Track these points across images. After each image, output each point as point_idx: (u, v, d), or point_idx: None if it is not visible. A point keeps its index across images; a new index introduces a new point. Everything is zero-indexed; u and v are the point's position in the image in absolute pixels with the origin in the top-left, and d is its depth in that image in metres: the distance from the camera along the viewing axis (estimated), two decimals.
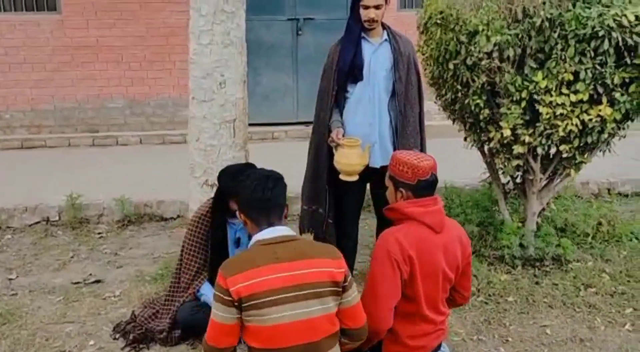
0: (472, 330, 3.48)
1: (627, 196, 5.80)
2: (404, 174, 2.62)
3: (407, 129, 3.60)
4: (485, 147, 4.28)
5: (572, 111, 3.68)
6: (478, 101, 3.83)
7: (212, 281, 3.27)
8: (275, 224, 2.41)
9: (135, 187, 5.67)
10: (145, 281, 4.11)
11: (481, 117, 3.89)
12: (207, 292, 3.35)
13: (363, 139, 3.53)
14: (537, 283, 3.97)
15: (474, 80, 3.78)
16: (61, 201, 5.21)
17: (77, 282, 4.13)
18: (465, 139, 4.44)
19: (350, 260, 3.94)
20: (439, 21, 4.04)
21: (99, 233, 5.03)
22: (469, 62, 3.73)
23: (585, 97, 3.62)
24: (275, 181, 2.45)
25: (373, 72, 3.56)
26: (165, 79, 7.61)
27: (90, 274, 4.26)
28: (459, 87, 3.92)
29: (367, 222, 4.93)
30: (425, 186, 2.63)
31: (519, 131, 3.78)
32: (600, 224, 4.63)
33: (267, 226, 2.40)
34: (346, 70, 3.56)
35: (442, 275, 2.65)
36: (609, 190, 5.77)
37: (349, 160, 3.48)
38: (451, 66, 3.87)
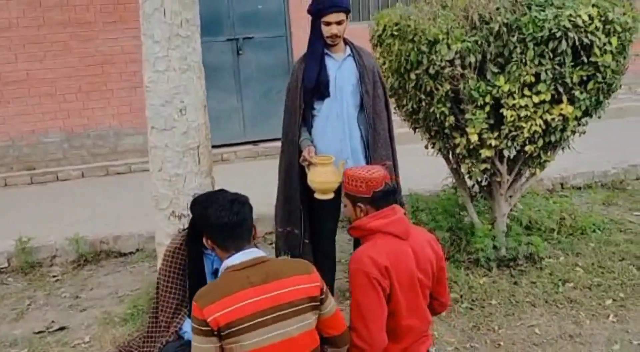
0: (462, 338, 3.46)
1: (579, 188, 5.97)
2: (358, 189, 2.65)
3: (378, 142, 3.56)
4: (451, 154, 4.29)
5: (535, 112, 3.74)
6: (443, 109, 3.84)
7: None
8: (244, 248, 2.39)
9: (87, 223, 5.39)
10: (115, 322, 3.88)
11: (446, 124, 3.90)
12: (189, 329, 3.18)
13: (335, 155, 3.47)
14: (515, 283, 4.00)
15: (437, 89, 3.79)
16: (9, 246, 4.89)
17: (40, 332, 3.85)
18: (426, 146, 4.46)
19: (329, 278, 3.86)
20: (395, 33, 4.04)
21: (54, 276, 4.73)
22: (431, 71, 3.74)
23: (547, 98, 3.69)
24: (240, 204, 2.45)
25: (339, 87, 3.51)
26: (104, 109, 7.32)
27: (53, 322, 3.99)
28: (422, 96, 3.91)
29: (341, 237, 4.86)
30: (382, 197, 2.65)
31: (485, 135, 3.81)
32: (563, 218, 4.73)
33: (236, 251, 2.38)
34: (312, 87, 3.50)
35: (418, 282, 2.64)
36: (562, 184, 5.94)
37: (323, 179, 3.41)
38: (413, 76, 3.87)
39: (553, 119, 3.78)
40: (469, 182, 4.44)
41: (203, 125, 3.73)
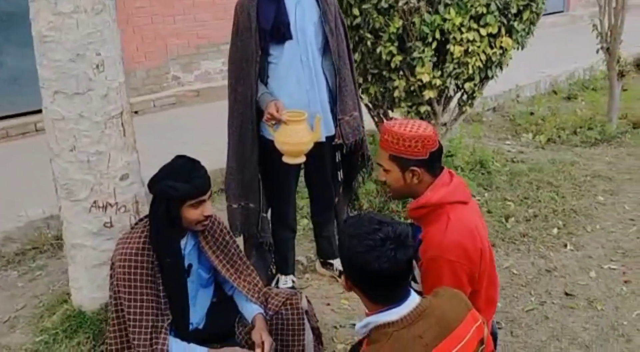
0: None
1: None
2: (413, 150, 2.10)
3: (344, 90, 3.04)
4: (385, 99, 3.94)
5: (479, 46, 3.57)
6: (391, 48, 3.46)
7: (177, 327, 2.48)
8: (407, 295, 1.73)
9: None
10: None
11: (392, 65, 3.53)
12: (179, 350, 2.46)
13: (303, 109, 2.90)
14: None
15: (387, 25, 3.38)
16: None
17: None
18: None
19: (290, 254, 3.33)
20: None
21: None
22: (384, 4, 3.31)
23: (495, 30, 3.52)
24: (402, 240, 1.69)
25: (301, 28, 2.89)
26: None
27: None
28: (367, 35, 3.47)
29: None
30: (438, 157, 2.18)
31: (430, 75, 3.55)
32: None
33: (394, 304, 1.70)
34: (269, 28, 2.84)
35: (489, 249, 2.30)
36: None
37: (297, 139, 2.82)
38: (356, 12, 3.40)
39: (494, 53, 3.64)
40: None
41: (124, 84, 2.87)
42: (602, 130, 5.43)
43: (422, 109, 3.74)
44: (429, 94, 3.63)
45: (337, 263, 3.41)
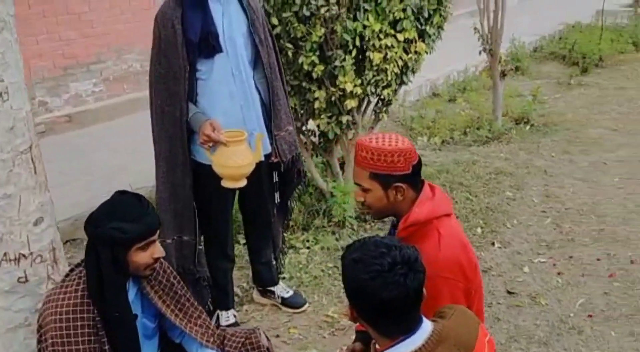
0: None
1: None
2: (396, 166, 1.94)
3: (277, 104, 2.83)
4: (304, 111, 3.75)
5: (396, 53, 3.52)
6: (313, 58, 3.30)
7: None
8: (420, 322, 1.57)
9: None
10: None
11: (314, 75, 3.37)
12: None
13: (237, 127, 2.66)
14: None
15: (309, 34, 3.21)
16: None
17: None
18: None
19: (230, 287, 3.05)
20: None
21: None
22: (305, 12, 3.14)
23: (412, 35, 3.49)
24: (412, 264, 1.54)
25: (230, 39, 2.64)
26: None
27: None
28: (288, 45, 3.27)
29: None
30: (419, 171, 2.05)
31: (351, 84, 3.44)
32: None
33: (410, 331, 1.54)
34: (197, 41, 2.57)
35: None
36: None
37: (240, 161, 2.57)
38: (275, 21, 3.19)
39: (410, 58, 3.62)
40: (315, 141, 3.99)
41: (30, 113, 2.46)
42: (491, 129, 5.65)
43: (344, 119, 3.62)
44: (350, 103, 3.51)
45: (278, 290, 3.18)
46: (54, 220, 2.53)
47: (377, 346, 1.63)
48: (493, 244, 3.73)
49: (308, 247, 3.66)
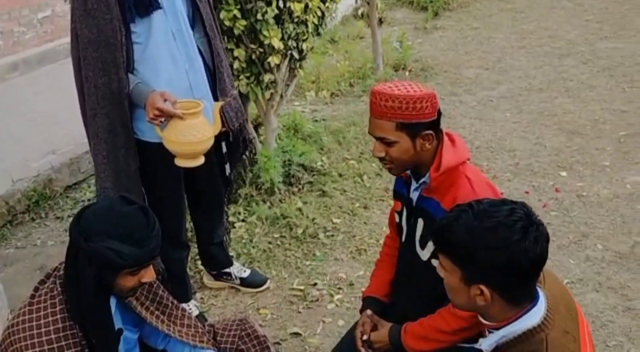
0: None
1: None
2: (424, 112, 1.79)
3: (220, 66, 2.50)
4: None
5: (315, 2, 3.30)
6: (234, 11, 2.97)
7: None
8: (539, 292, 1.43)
9: None
10: None
11: (235, 31, 3.05)
12: None
13: (185, 98, 2.32)
14: (324, 194, 3.65)
15: None
16: None
17: None
18: None
19: (187, 276, 2.74)
20: None
21: None
22: None
23: None
24: (538, 222, 1.38)
25: None
26: None
27: None
28: None
29: None
30: (440, 115, 1.89)
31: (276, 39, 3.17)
32: None
33: (534, 298, 1.41)
34: None
35: None
36: None
37: (199, 136, 2.22)
38: None
39: (327, 8, 3.42)
40: None
41: None
42: (378, 78, 5.65)
43: (266, 78, 3.34)
44: (274, 60, 3.25)
45: (235, 270, 2.91)
46: None
47: (485, 322, 1.46)
48: None
49: (243, 220, 3.39)
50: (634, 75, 5.46)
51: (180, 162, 2.29)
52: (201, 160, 2.30)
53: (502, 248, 1.31)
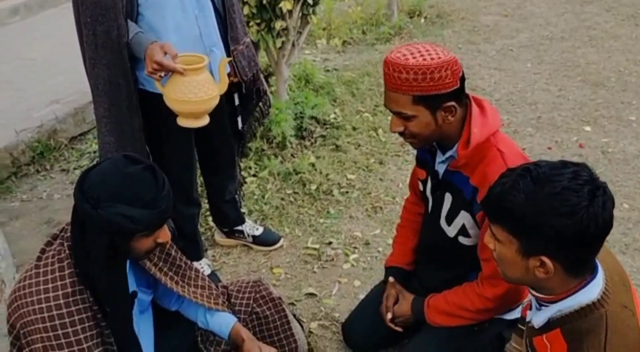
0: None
1: None
2: (444, 82, 1.61)
3: (231, 11, 2.31)
4: None
5: None
6: None
7: None
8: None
9: None
10: None
11: None
12: None
13: (194, 47, 2.15)
14: (337, 148, 3.52)
15: None
16: None
17: None
18: None
19: (199, 234, 2.64)
20: None
21: None
22: None
23: None
24: (603, 185, 1.26)
25: None
26: None
27: None
28: None
29: None
30: (463, 82, 1.71)
31: None
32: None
33: (594, 270, 1.30)
34: None
35: None
36: None
37: (200, 94, 2.03)
38: None
39: None
40: None
41: None
42: (392, 25, 5.42)
43: (277, 24, 3.16)
44: (286, 5, 3.06)
45: (247, 228, 2.80)
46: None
47: (537, 295, 1.34)
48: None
49: (254, 175, 3.28)
50: None
51: (182, 122, 2.12)
52: (205, 120, 2.13)
53: (569, 215, 1.18)
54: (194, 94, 2.05)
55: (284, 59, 3.50)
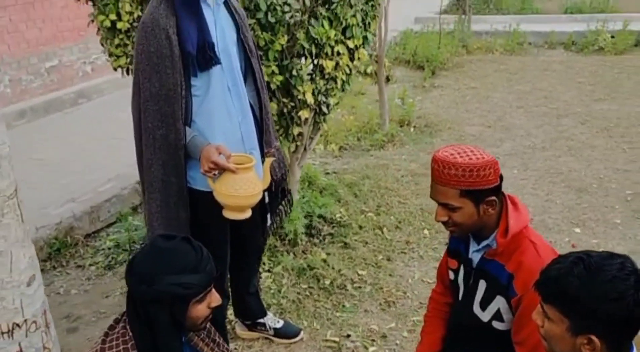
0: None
1: None
2: (488, 179, 1.84)
3: (266, 118, 2.59)
4: None
5: (344, 60, 3.43)
6: (273, 67, 3.07)
7: None
8: None
9: None
10: None
11: (272, 86, 3.15)
12: None
13: (237, 149, 2.39)
14: (346, 245, 3.69)
15: (272, 42, 2.99)
16: None
17: None
18: None
19: (225, 327, 2.73)
20: None
21: None
22: (270, 19, 2.91)
23: (360, 42, 3.43)
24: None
25: (224, 49, 2.35)
26: None
27: None
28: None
29: None
30: (502, 180, 1.93)
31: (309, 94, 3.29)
32: None
33: (630, 348, 1.47)
34: (195, 53, 2.25)
35: None
36: None
37: (249, 190, 2.28)
38: None
39: (355, 66, 3.55)
40: None
41: (7, 147, 1.99)
42: (385, 133, 5.79)
43: (296, 131, 3.44)
44: (304, 114, 3.35)
45: (269, 321, 2.91)
46: (40, 274, 2.07)
47: None
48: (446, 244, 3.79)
49: (269, 271, 3.42)
50: (632, 136, 5.67)
51: (228, 214, 2.33)
52: (248, 213, 2.35)
53: (619, 300, 1.37)
54: (244, 189, 2.27)
55: (296, 162, 3.75)
